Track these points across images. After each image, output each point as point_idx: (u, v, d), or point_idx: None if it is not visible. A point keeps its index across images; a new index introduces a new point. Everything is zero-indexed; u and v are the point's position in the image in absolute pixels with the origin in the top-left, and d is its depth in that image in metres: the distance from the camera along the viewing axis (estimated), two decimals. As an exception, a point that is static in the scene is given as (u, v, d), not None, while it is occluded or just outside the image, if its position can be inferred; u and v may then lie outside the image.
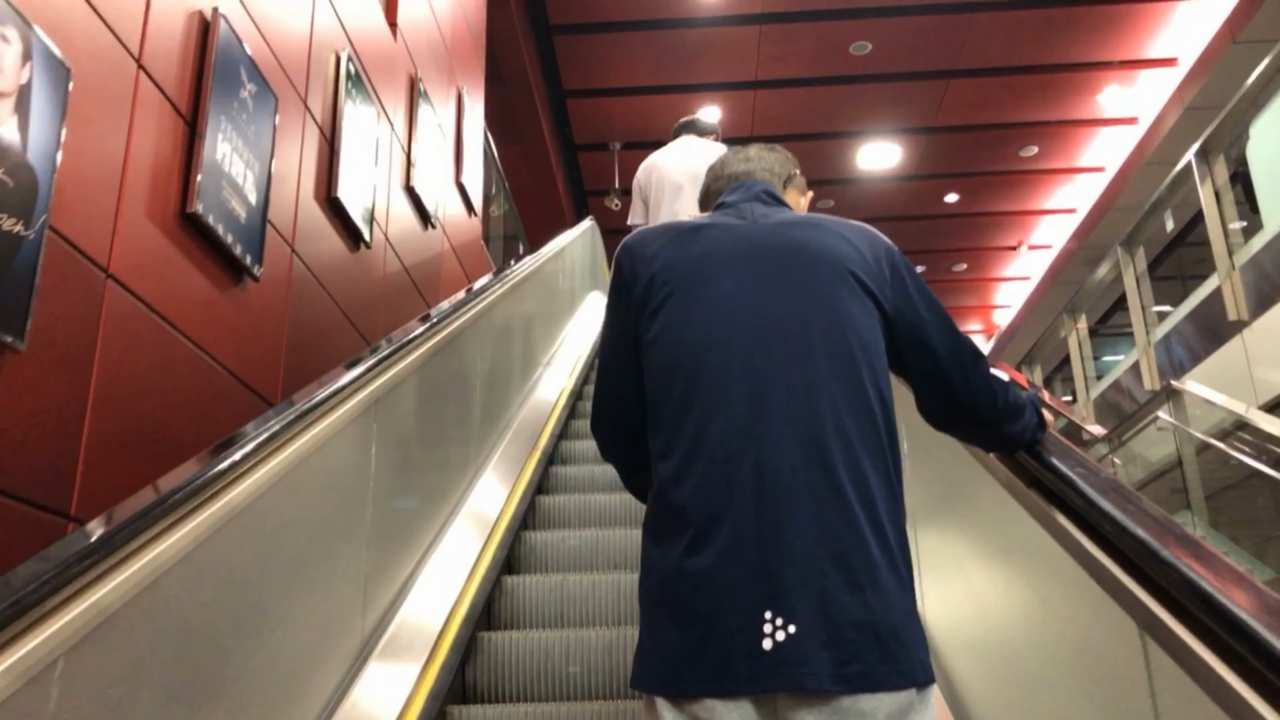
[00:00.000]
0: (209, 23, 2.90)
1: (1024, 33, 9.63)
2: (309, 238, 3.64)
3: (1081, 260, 13.02)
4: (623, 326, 1.60)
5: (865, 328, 1.49)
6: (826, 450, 1.38)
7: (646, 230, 1.67)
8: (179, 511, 1.49)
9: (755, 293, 1.50)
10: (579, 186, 12.38)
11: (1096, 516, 1.50)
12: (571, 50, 9.86)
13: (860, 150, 11.57)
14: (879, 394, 1.47)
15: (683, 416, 1.45)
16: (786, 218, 1.63)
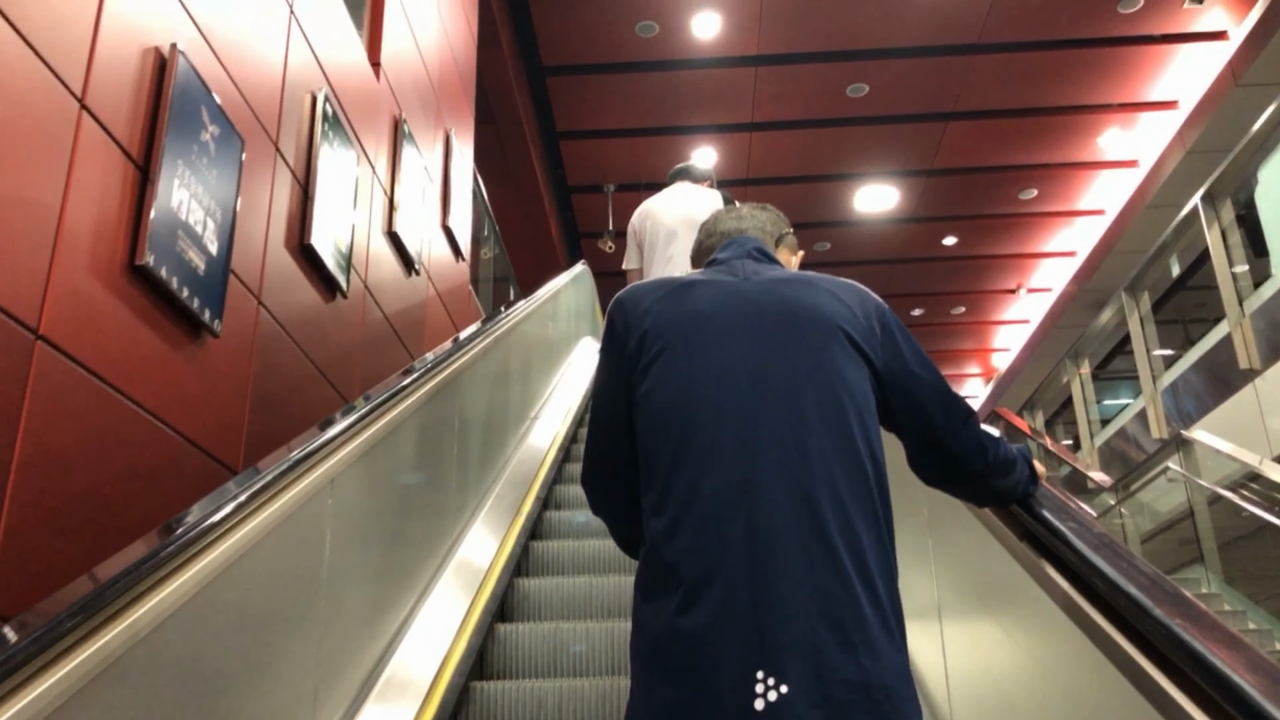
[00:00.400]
0: (166, 60, 2.69)
1: (1023, 75, 9.52)
2: (279, 288, 3.41)
3: (1082, 304, 12.85)
4: (615, 381, 1.60)
5: (856, 385, 1.50)
6: (818, 508, 1.38)
7: (638, 285, 1.68)
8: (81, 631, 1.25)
9: (747, 350, 1.51)
10: (572, 228, 12.21)
11: (1089, 573, 1.49)
12: (565, 91, 9.72)
13: (858, 192, 11.43)
14: (870, 451, 1.47)
15: (674, 473, 1.45)
16: (778, 275, 1.64)
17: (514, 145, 9.47)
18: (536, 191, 10.19)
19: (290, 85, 3.59)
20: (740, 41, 9.02)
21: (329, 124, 3.90)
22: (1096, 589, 1.48)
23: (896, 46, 9.12)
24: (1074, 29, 8.89)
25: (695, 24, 8.79)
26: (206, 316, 2.82)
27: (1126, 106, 10.00)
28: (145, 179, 2.56)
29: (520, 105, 9.06)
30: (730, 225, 1.86)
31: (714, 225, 1.89)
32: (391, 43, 4.93)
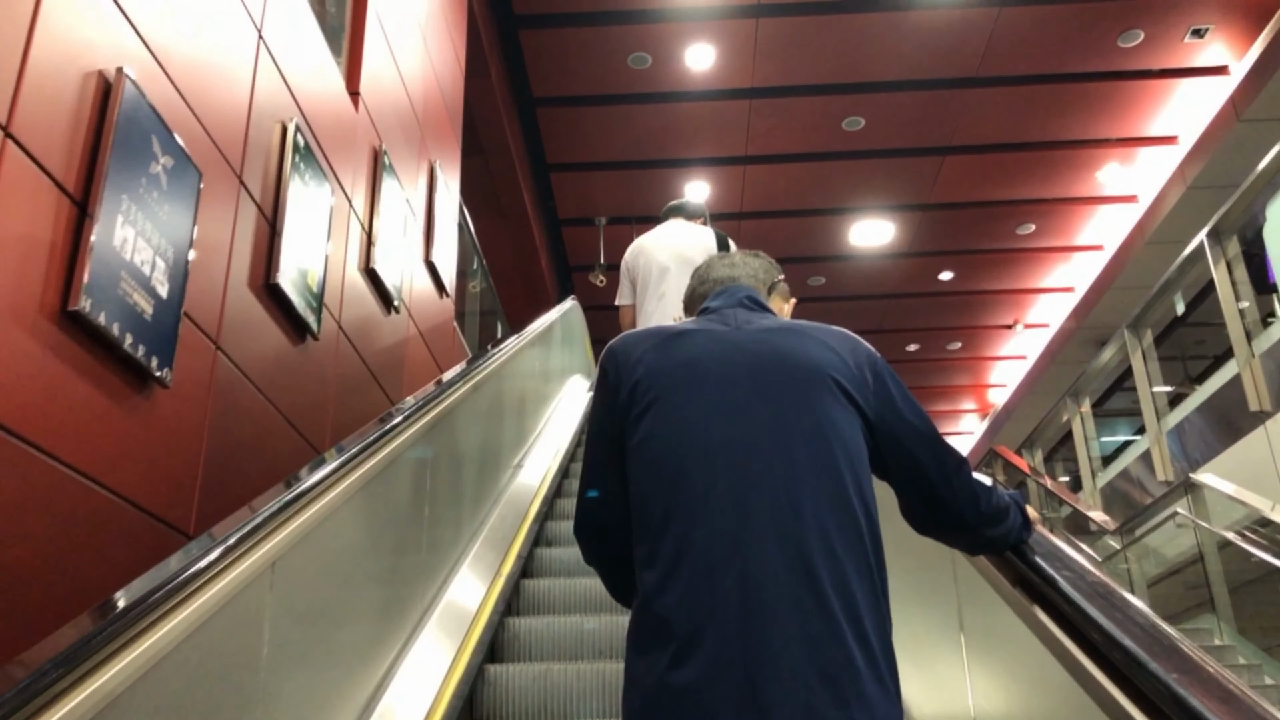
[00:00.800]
0: (110, 85, 2.45)
1: (1021, 109, 9.37)
2: (240, 332, 3.16)
3: (1080, 340, 12.67)
4: (608, 431, 1.60)
5: (848, 434, 1.50)
6: (810, 560, 1.38)
7: (631, 334, 1.69)
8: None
9: (738, 400, 1.51)
10: (563, 261, 12.00)
11: (1083, 623, 1.47)
12: (555, 123, 9.53)
13: (853, 227, 11.25)
14: (862, 501, 1.46)
15: (666, 525, 1.44)
16: (769, 324, 1.65)
17: (504, 177, 9.27)
18: (526, 224, 9.98)
19: (257, 114, 3.35)
20: (734, 74, 8.85)
21: (300, 155, 3.67)
22: (1092, 640, 1.46)
23: (893, 79, 8.96)
24: (1073, 63, 8.75)
25: (689, 56, 8.62)
26: (153, 365, 2.56)
27: (1126, 141, 9.86)
28: (83, 216, 2.31)
29: (510, 137, 8.87)
30: (723, 273, 1.85)
31: (707, 273, 1.88)
32: (372, 72, 4.72)
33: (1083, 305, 12.30)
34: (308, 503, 2.09)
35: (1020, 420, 15.05)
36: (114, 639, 1.32)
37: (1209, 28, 8.35)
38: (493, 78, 8.18)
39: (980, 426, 16.95)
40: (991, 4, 8.11)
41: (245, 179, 3.24)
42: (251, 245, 3.29)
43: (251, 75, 3.34)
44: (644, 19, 8.25)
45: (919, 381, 15.25)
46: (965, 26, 8.32)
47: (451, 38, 6.63)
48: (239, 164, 3.20)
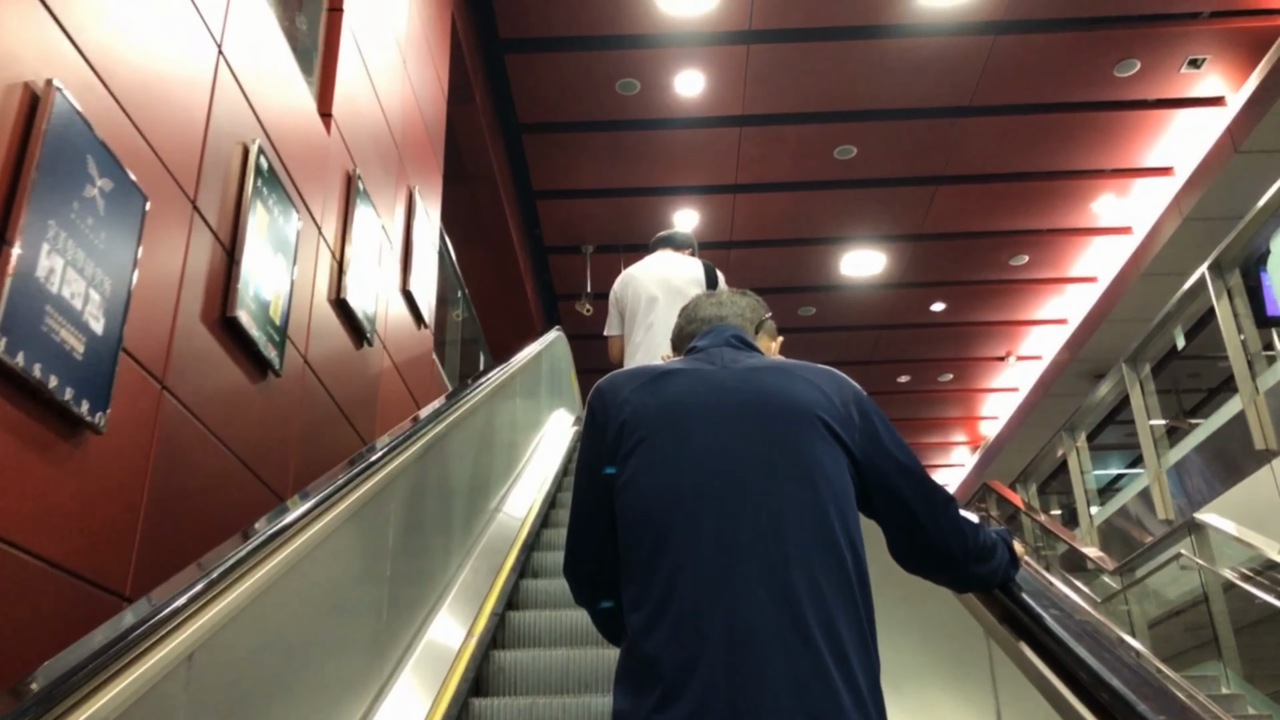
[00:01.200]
0: (38, 99, 2.21)
1: (1015, 139, 9.22)
2: (191, 369, 2.90)
3: (1074, 373, 12.49)
4: (595, 471, 1.60)
5: (834, 474, 1.50)
6: (797, 601, 1.37)
7: (618, 374, 1.69)
8: None
9: (725, 440, 1.51)
10: (549, 290, 11.77)
11: (1072, 663, 1.48)
12: (542, 150, 9.33)
13: (844, 257, 11.06)
14: (849, 540, 1.46)
15: (653, 566, 1.44)
16: (756, 363, 1.65)
17: (488, 205, 9.05)
18: (512, 252, 9.75)
19: (216, 134, 3.11)
20: (725, 101, 8.68)
21: (264, 179, 3.43)
22: (1080, 680, 1.46)
23: (886, 108, 8.81)
24: (1069, 92, 8.61)
25: (678, 82, 8.45)
26: (84, 409, 2.30)
27: (1121, 172, 9.72)
28: (0, 243, 2.06)
29: (495, 163, 8.66)
30: (710, 311, 1.85)
31: (694, 311, 1.88)
32: (346, 93, 4.49)
33: (1076, 338, 12.14)
34: (255, 565, 1.84)
35: (1012, 453, 14.85)
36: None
37: (1205, 58, 8.23)
38: (477, 103, 7.98)
39: (971, 459, 16.74)
40: (986, 31, 7.96)
41: (200, 204, 2.99)
42: (206, 275, 3.04)
43: (209, 92, 3.10)
44: (633, 44, 8.07)
45: (910, 414, 15.05)
46: (959, 54, 8.17)
47: (434, 61, 6.43)
48: (193, 187, 2.95)
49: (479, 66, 8.04)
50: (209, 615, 1.68)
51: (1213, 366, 10.22)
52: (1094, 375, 12.51)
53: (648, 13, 7.71)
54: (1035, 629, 1.59)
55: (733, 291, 1.95)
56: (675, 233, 4.60)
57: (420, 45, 6.03)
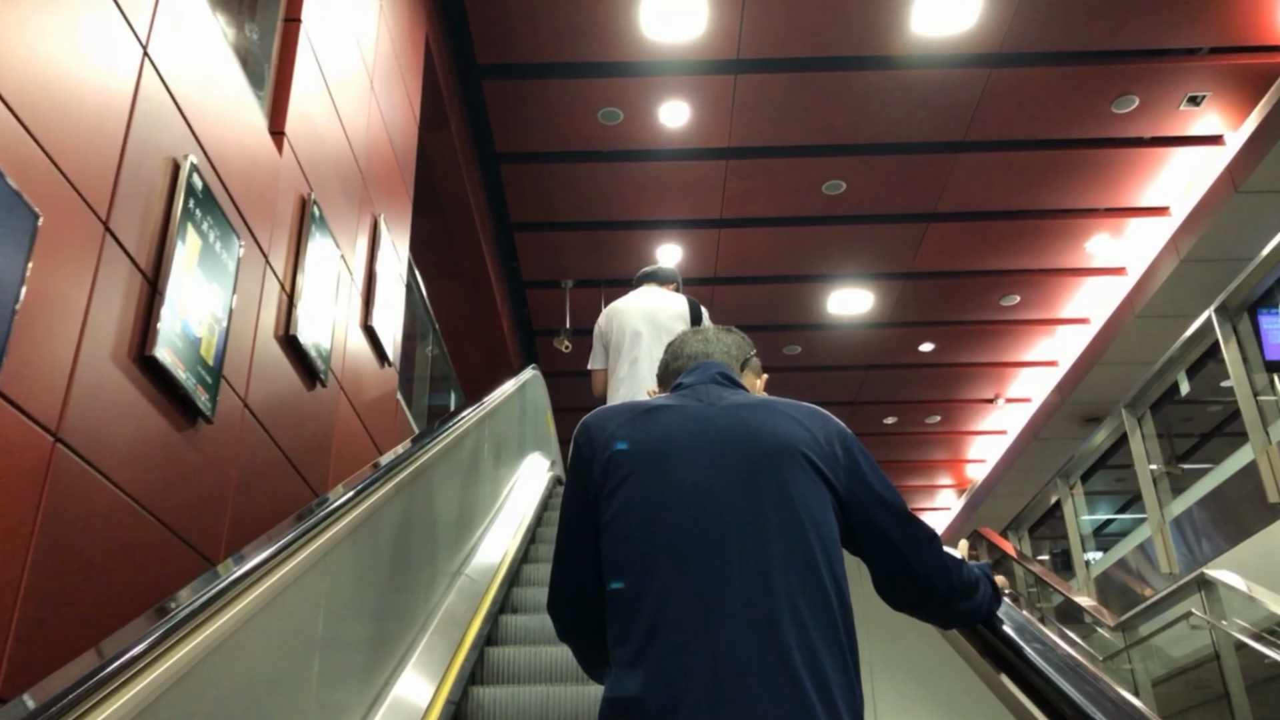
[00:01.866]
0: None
1: (1009, 176, 8.95)
2: (96, 417, 2.48)
3: (1065, 416, 12.19)
4: (581, 507, 1.61)
5: (819, 511, 1.52)
6: (782, 638, 1.38)
7: (604, 410, 1.72)
8: None
9: (711, 477, 1.52)
10: (527, 326, 11.37)
11: (1055, 696, 1.52)
12: (521, 181, 8.98)
13: (831, 295, 10.74)
14: (834, 578, 1.47)
15: (638, 602, 1.44)
16: (742, 400, 1.68)
17: (464, 236, 8.66)
18: (488, 286, 9.36)
19: (137, 147, 2.72)
20: (711, 132, 8.36)
21: (198, 200, 3.03)
22: (1063, 713, 1.50)
23: (877, 142, 8.52)
24: (1065, 128, 8.36)
25: (663, 113, 8.13)
26: (-59, 471, 1.88)
27: (1116, 212, 9.46)
28: None
29: (471, 193, 8.29)
30: (696, 348, 1.87)
31: (680, 348, 1.90)
32: (303, 111, 4.10)
33: (1067, 380, 11.84)
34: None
35: (1001, 497, 14.52)
36: None
37: (1205, 95, 7.99)
38: (453, 130, 7.63)
39: (958, 503, 16.38)
40: (982, 65, 7.70)
41: (114, 224, 2.59)
42: (120, 310, 2.62)
43: (131, 99, 2.70)
44: (616, 72, 7.75)
45: (896, 456, 14.69)
46: (954, 88, 7.90)
47: (405, 84, 6.07)
48: (105, 206, 2.55)
49: (455, 92, 7.69)
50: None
51: (1202, 411, 9.95)
52: (1085, 419, 12.23)
53: (632, 39, 7.40)
54: (1018, 662, 1.60)
55: (718, 328, 1.94)
56: (660, 268, 4.66)
57: (390, 66, 5.67)
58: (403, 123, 6.03)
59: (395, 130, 5.77)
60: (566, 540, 1.64)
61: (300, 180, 4.07)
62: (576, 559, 1.61)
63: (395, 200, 5.75)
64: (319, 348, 4.15)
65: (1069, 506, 9.36)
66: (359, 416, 4.80)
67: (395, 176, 5.79)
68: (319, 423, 4.23)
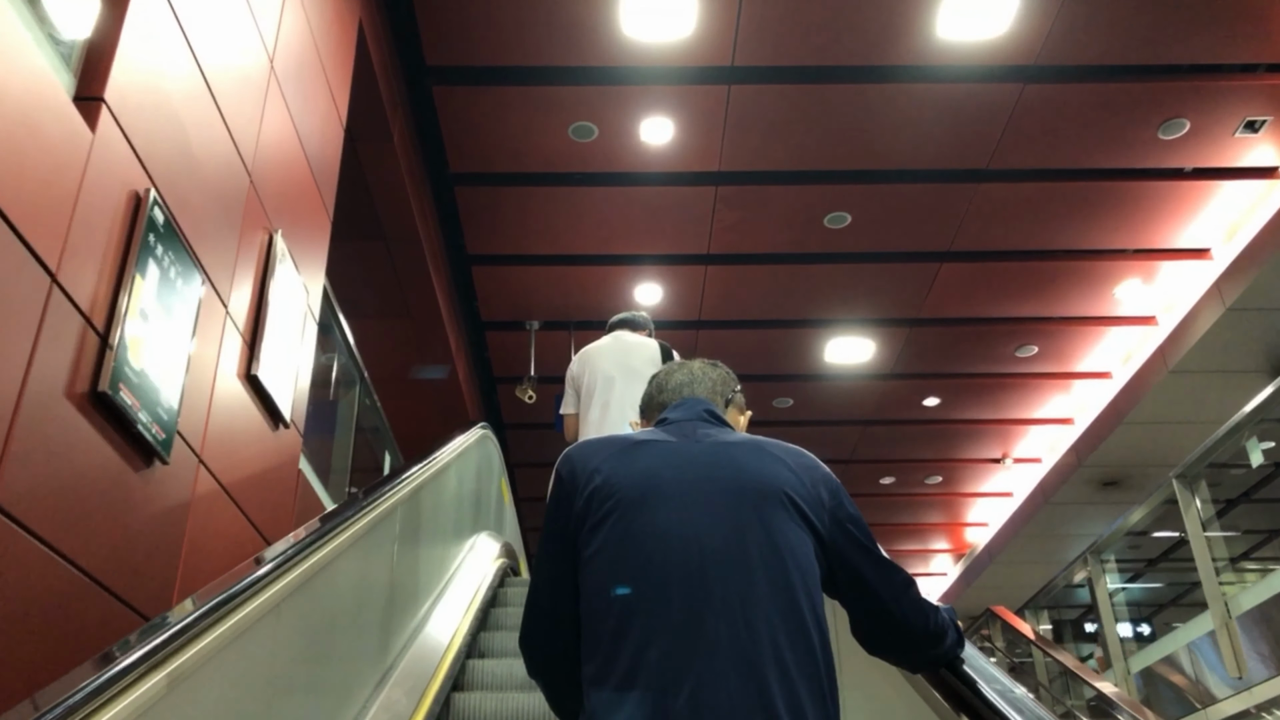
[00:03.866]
0: None
1: (1033, 211, 7.87)
2: None
3: (1082, 479, 11.07)
4: (560, 540, 1.59)
5: (802, 554, 1.51)
6: (764, 682, 1.37)
7: (588, 442, 1.70)
8: None
9: (696, 516, 1.51)
10: (486, 371, 10.14)
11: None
12: (479, 206, 7.80)
13: (829, 343, 9.60)
14: (816, 620, 1.47)
15: (619, 641, 1.42)
16: (727, 439, 1.67)
17: (411, 269, 7.47)
18: (439, 327, 8.15)
19: None
20: (699, 153, 7.24)
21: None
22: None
23: (889, 168, 7.43)
24: (1103, 156, 7.31)
25: (644, 129, 7.00)
26: None
27: (1149, 253, 8.41)
28: None
29: (420, 220, 7.11)
30: (681, 379, 1.86)
31: (665, 381, 1.89)
32: (142, 78, 2.91)
33: (1085, 440, 10.73)
34: None
35: (1006, 565, 13.36)
36: None
37: (1266, 120, 6.97)
38: (396, 143, 6.46)
39: (954, 569, 15.17)
40: (1015, 79, 6.64)
41: None
42: None
43: None
44: (590, 79, 6.63)
45: (890, 519, 13.52)
46: (981, 106, 6.84)
47: (329, 79, 4.91)
48: None
49: (399, 97, 6.53)
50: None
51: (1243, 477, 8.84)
52: (1103, 482, 11.13)
53: (609, 41, 6.28)
54: (979, 705, 1.65)
55: (704, 362, 1.93)
56: (634, 315, 4.72)
57: (304, 53, 4.50)
58: (322, 125, 4.85)
59: (310, 133, 4.60)
60: (544, 572, 1.62)
61: (132, 170, 2.86)
62: (553, 594, 1.59)
63: (306, 218, 4.55)
64: (159, 408, 2.92)
65: (1101, 589, 8.18)
66: (231, 497, 3.55)
67: (308, 189, 4.60)
68: (157, 511, 2.98)
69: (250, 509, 3.73)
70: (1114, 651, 7.99)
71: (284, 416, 4.03)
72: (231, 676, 1.98)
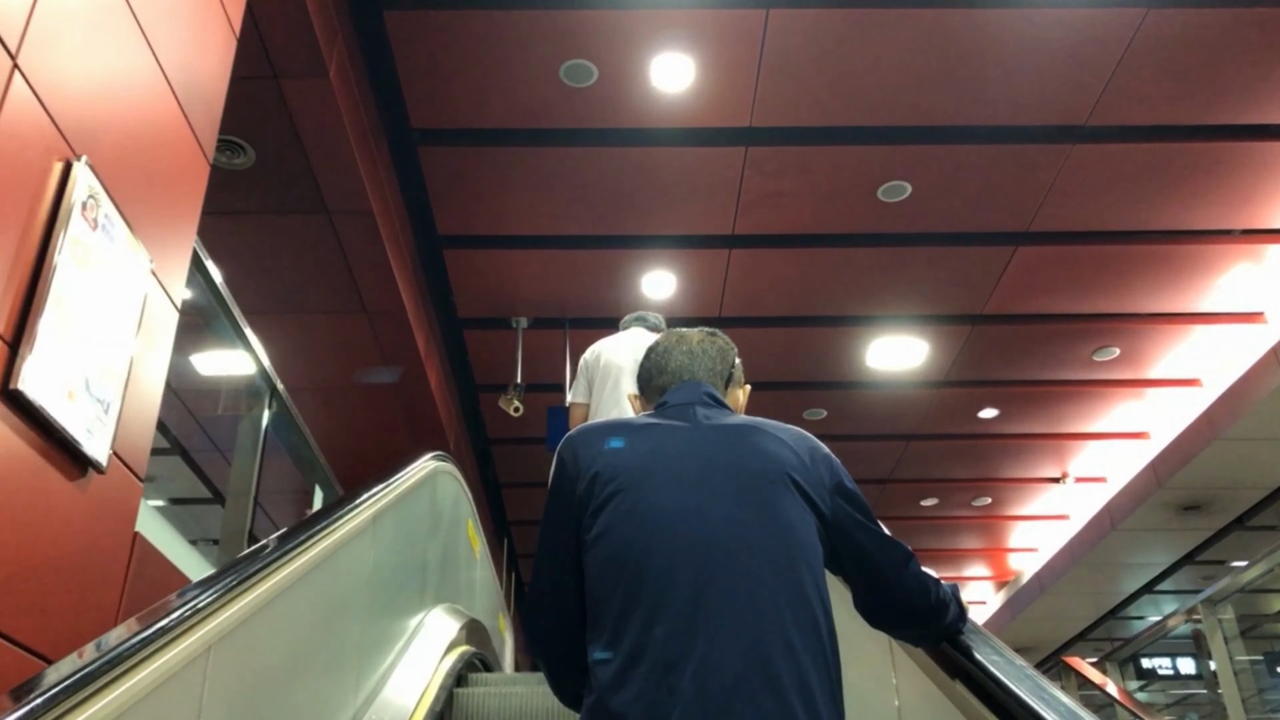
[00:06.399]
0: None
1: (1134, 177, 6.35)
2: None
3: (1158, 502, 9.53)
4: (563, 523, 1.62)
5: (805, 534, 1.54)
6: (769, 658, 1.39)
7: (591, 425, 1.73)
8: None
9: (699, 497, 1.54)
10: (468, 378, 8.59)
11: (1014, 705, 1.57)
12: (450, 174, 6.27)
13: (872, 344, 8.06)
14: (820, 599, 1.50)
15: (623, 621, 1.44)
16: (729, 421, 1.70)
17: (363, 252, 5.95)
18: (403, 325, 6.62)
19: None
20: (725, 103, 5.72)
21: None
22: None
23: (963, 124, 5.91)
24: (1228, 106, 5.79)
25: (656, 69, 5.48)
26: None
27: (1259, 234, 6.89)
28: None
29: (373, 188, 5.59)
30: (681, 361, 1.86)
31: (664, 362, 1.87)
32: None
33: (1166, 458, 9.19)
34: None
35: (1058, 596, 11.83)
36: None
37: None
38: (334, 80, 4.95)
39: (995, 598, 13.62)
40: (1134, 3, 5.13)
41: None
42: None
43: None
44: (585, 2, 5.12)
45: (929, 544, 11.99)
46: (1085, 42, 5.32)
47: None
48: None
49: (337, 23, 5.01)
50: None
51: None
52: (1183, 507, 9.59)
53: (612, -55, 4.77)
54: (978, 674, 1.67)
55: (702, 334, 1.92)
56: (649, 314, 4.71)
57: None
58: (197, 29, 3.32)
59: (169, 49, 3.07)
60: (547, 554, 1.63)
61: None
62: (556, 573, 1.60)
63: (159, 158, 3.02)
64: None
65: (1217, 643, 6.65)
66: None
67: (164, 116, 3.07)
68: None
69: (15, 617, 2.19)
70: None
71: (92, 457, 2.49)
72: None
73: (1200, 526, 9.99)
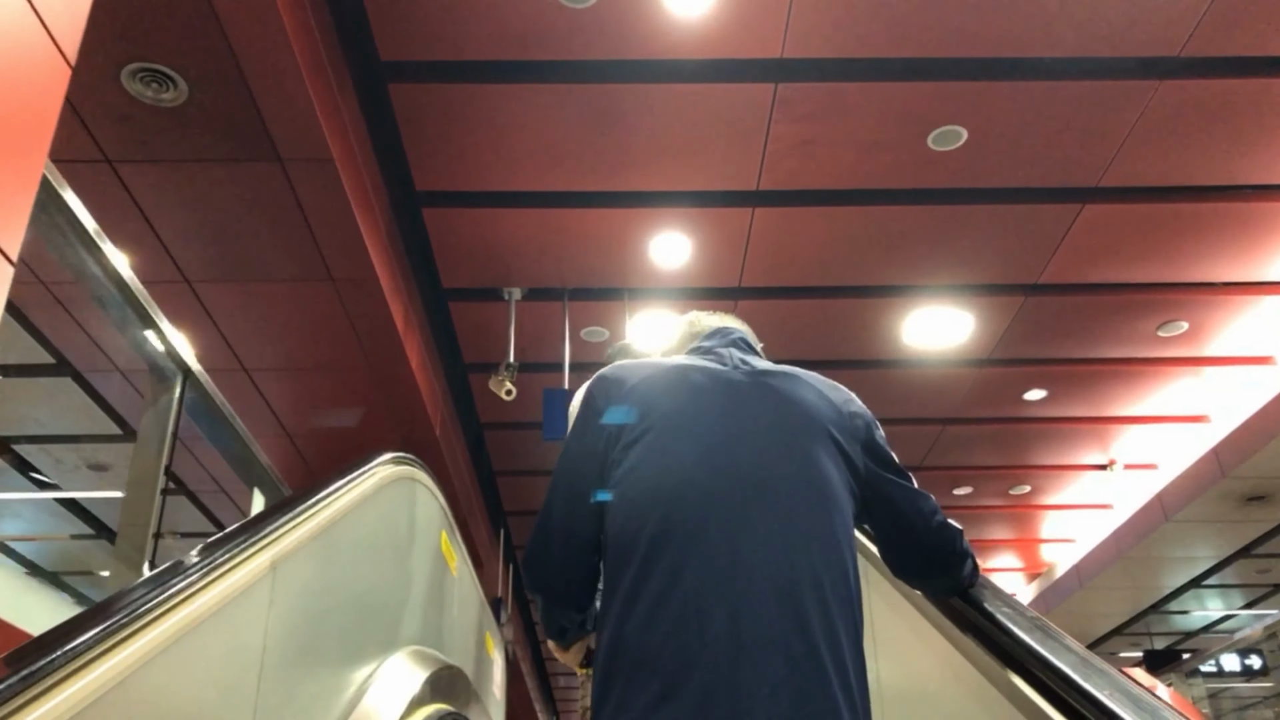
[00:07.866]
0: None
1: (1221, 123, 5.43)
2: None
3: (1220, 492, 8.65)
4: (589, 456, 1.59)
5: (838, 484, 1.54)
6: (802, 606, 1.37)
7: (625, 363, 1.71)
8: None
9: (734, 440, 1.52)
10: (455, 356, 7.70)
11: (1023, 654, 1.60)
12: (427, 119, 5.35)
13: (909, 316, 7.15)
14: (851, 548, 1.50)
15: (653, 559, 1.41)
16: (766, 367, 1.70)
17: (324, 208, 5.06)
18: (375, 295, 5.73)
19: None
20: (751, 29, 4.80)
21: None
22: (1030, 668, 1.58)
23: (1030, 57, 4.99)
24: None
25: (669, -13, 4.56)
26: None
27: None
28: None
29: (331, 129, 4.69)
30: (713, 321, 1.89)
31: (697, 321, 1.91)
32: None
33: (1231, 445, 8.31)
34: None
35: (1099, 591, 10.98)
36: None
37: None
38: (286, 21, 4.05)
39: (1026, 590, 12.77)
40: (1255, -104, 4.19)
41: None
42: None
43: None
44: (586, -102, 4.19)
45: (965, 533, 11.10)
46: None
47: None
48: None
49: (282, -77, 4.08)
50: None
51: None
52: (1248, 497, 8.70)
53: None
54: (989, 626, 1.69)
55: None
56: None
57: None
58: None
59: None
60: (566, 482, 1.60)
61: None
62: (568, 510, 1.58)
63: None
64: None
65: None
66: None
67: None
68: None
69: None
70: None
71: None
72: None
73: (1262, 519, 9.12)
